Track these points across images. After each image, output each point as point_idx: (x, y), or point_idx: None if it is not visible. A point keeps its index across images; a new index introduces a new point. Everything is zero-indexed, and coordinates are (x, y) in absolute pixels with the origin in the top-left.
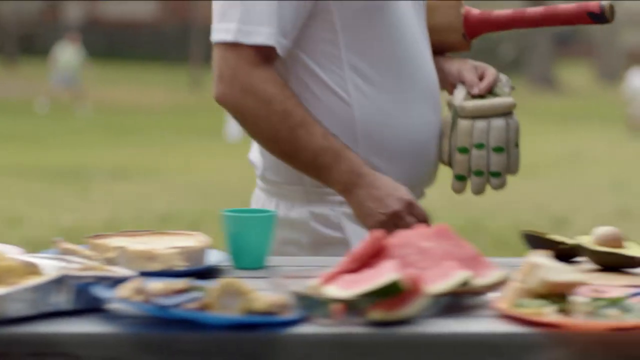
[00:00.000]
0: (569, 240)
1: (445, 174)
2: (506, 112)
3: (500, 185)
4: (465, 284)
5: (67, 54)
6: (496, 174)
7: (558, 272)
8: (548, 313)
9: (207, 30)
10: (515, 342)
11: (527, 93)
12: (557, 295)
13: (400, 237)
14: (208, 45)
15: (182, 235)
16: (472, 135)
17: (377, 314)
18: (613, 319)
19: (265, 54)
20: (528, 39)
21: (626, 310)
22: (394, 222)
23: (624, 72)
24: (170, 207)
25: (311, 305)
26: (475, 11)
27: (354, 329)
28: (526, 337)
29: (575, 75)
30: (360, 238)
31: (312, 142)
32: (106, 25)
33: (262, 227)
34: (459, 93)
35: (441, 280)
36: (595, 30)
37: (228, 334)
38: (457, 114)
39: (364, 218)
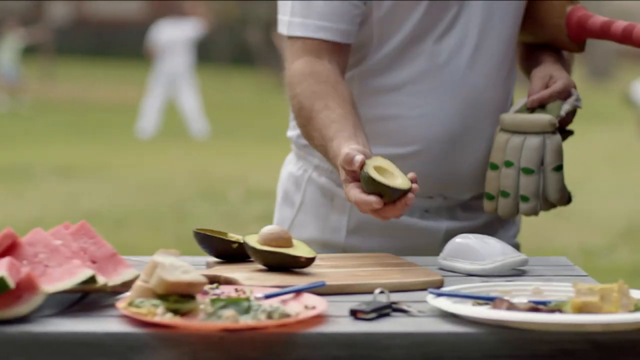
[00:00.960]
0: (241, 239)
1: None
2: (545, 131)
3: (530, 212)
4: (91, 282)
5: (6, 44)
6: (524, 198)
7: (177, 271)
8: (161, 313)
9: None
10: (125, 342)
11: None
12: (180, 294)
13: (33, 235)
14: None
15: None
16: (505, 151)
17: None
18: (227, 319)
19: (313, 47)
20: None
21: (243, 311)
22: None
23: (613, 71)
24: (100, 205)
25: None
26: (579, 12)
27: None
28: (136, 337)
29: None
30: (314, 205)
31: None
32: (93, 24)
33: None
34: (518, 102)
35: (64, 279)
36: None
37: None
38: (499, 125)
39: None
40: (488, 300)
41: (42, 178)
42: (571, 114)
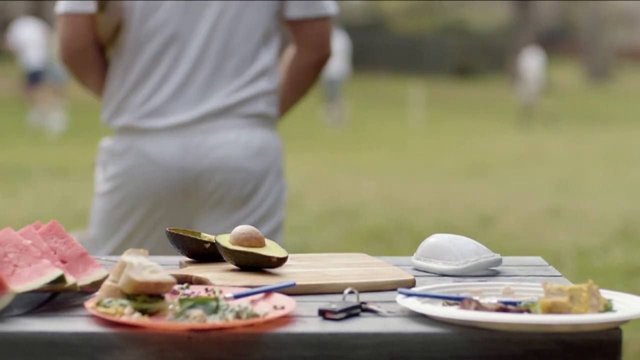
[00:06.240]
0: (214, 239)
1: (378, 169)
2: None
3: None
4: (60, 282)
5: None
6: None
7: (145, 271)
8: (128, 313)
9: None
10: (92, 342)
11: (511, 91)
12: (148, 294)
13: (2, 235)
14: None
15: None
16: None
17: None
18: (195, 319)
19: None
20: (513, 36)
21: (211, 311)
22: None
23: (613, 71)
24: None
25: None
26: None
27: None
28: (103, 337)
29: (563, 74)
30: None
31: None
32: None
33: None
34: None
35: (33, 279)
36: (584, 28)
37: None
38: None
39: None
40: (458, 300)
41: (37, 178)
42: None
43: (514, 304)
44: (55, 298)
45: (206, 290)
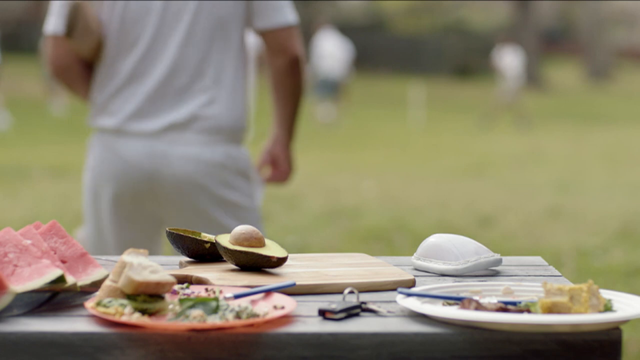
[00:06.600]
0: (214, 239)
1: (378, 169)
2: None
3: None
4: (60, 282)
5: None
6: None
7: (145, 271)
8: (129, 313)
9: None
10: (92, 342)
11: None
12: (148, 294)
13: (2, 235)
14: None
15: None
16: None
17: None
18: (195, 319)
19: None
20: (513, 36)
21: (211, 311)
22: None
23: (613, 71)
24: None
25: None
26: None
27: None
28: (103, 337)
29: (563, 74)
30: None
31: None
32: None
33: None
34: None
35: (33, 278)
36: (584, 28)
37: None
38: None
39: None
40: (458, 300)
41: (37, 178)
42: None
43: (514, 304)
44: (55, 298)
45: (206, 290)
